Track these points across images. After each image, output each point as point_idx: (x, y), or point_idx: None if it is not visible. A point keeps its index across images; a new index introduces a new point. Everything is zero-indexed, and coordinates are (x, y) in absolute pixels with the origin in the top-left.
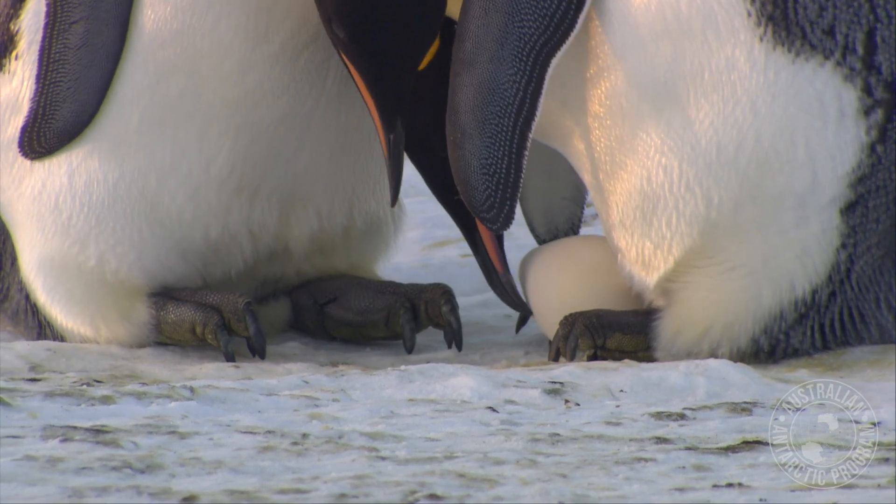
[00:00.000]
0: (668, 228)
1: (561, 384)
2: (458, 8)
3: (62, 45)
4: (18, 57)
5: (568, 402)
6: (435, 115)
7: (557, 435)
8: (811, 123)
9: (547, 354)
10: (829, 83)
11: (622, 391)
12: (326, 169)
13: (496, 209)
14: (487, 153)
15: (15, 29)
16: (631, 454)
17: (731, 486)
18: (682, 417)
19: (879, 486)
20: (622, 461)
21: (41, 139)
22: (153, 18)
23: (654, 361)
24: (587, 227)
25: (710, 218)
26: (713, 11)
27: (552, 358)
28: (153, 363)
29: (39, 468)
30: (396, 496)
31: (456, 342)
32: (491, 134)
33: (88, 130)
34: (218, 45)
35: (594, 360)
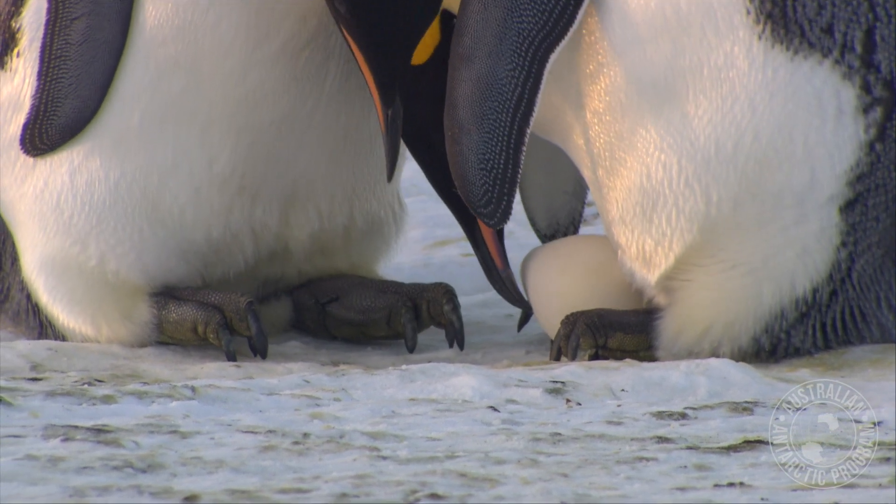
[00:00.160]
0: (668, 225)
1: (562, 384)
2: (458, 2)
3: (64, 41)
4: (20, 55)
5: (569, 401)
6: (436, 110)
7: (559, 434)
8: (809, 121)
9: (548, 354)
10: (827, 81)
11: (623, 390)
12: (327, 169)
13: (493, 204)
14: (485, 148)
15: (16, 26)
16: (632, 453)
17: (732, 485)
18: (683, 417)
19: (880, 485)
20: (623, 460)
21: (43, 136)
22: (154, 15)
23: (655, 361)
24: (588, 226)
25: (709, 215)
26: (712, 8)
27: (553, 357)
28: (154, 362)
29: (41, 468)
30: (398, 496)
31: (458, 341)
32: (489, 129)
33: (90, 129)
34: (219, 43)
35: (595, 359)
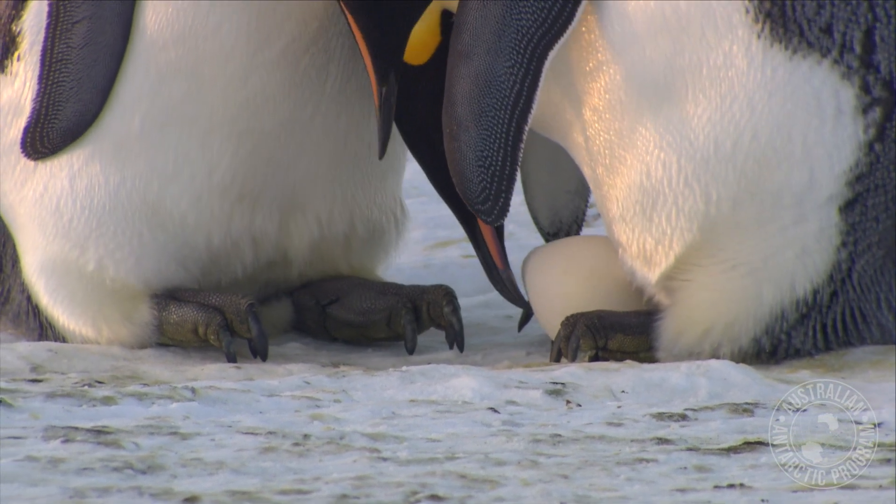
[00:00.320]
0: (668, 224)
1: (562, 385)
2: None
3: (65, 44)
4: (21, 58)
5: (569, 402)
6: (437, 110)
7: (559, 436)
8: (808, 121)
9: (548, 355)
10: (826, 81)
11: (623, 392)
12: (326, 176)
13: (491, 201)
14: (483, 145)
15: (17, 30)
16: (632, 455)
17: (732, 486)
18: (683, 418)
19: (881, 486)
20: (624, 462)
21: (44, 139)
22: (155, 20)
23: (655, 362)
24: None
25: (709, 214)
26: (711, 7)
27: (554, 359)
28: (155, 364)
29: (41, 469)
30: (398, 497)
31: (458, 343)
32: (487, 126)
33: (90, 133)
34: (220, 48)
35: (595, 360)
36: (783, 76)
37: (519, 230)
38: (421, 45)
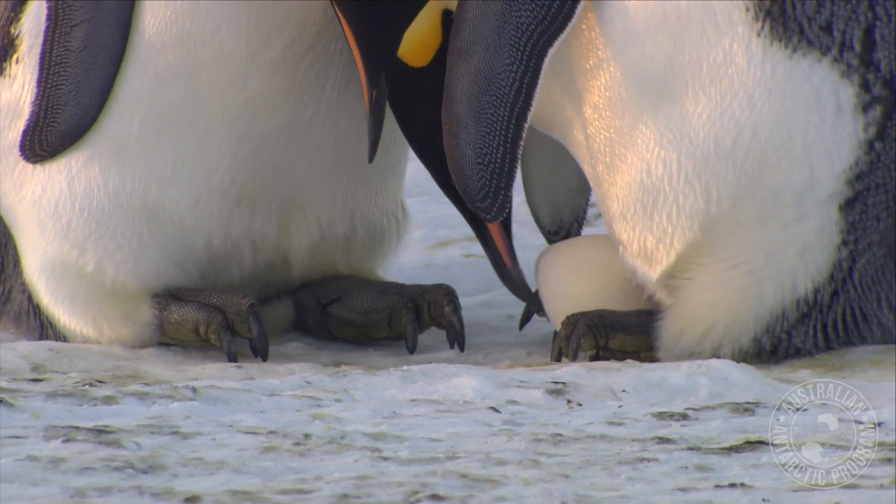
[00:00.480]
0: (668, 222)
1: (563, 384)
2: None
3: (63, 47)
4: (19, 61)
5: (570, 402)
6: (440, 110)
7: (560, 435)
8: (808, 118)
9: (549, 355)
10: (826, 79)
11: (624, 391)
12: (326, 177)
13: (490, 199)
14: (483, 142)
15: (15, 33)
16: (633, 454)
17: (733, 486)
18: (684, 418)
19: (881, 486)
20: (624, 461)
21: (43, 142)
22: (153, 23)
23: (656, 362)
24: (589, 227)
25: (709, 212)
26: (712, 5)
27: (554, 358)
28: (155, 363)
29: (42, 468)
30: (399, 496)
31: (458, 343)
32: (486, 123)
33: (89, 136)
34: (219, 51)
35: (596, 360)
36: (783, 74)
37: (520, 230)
38: (422, 46)
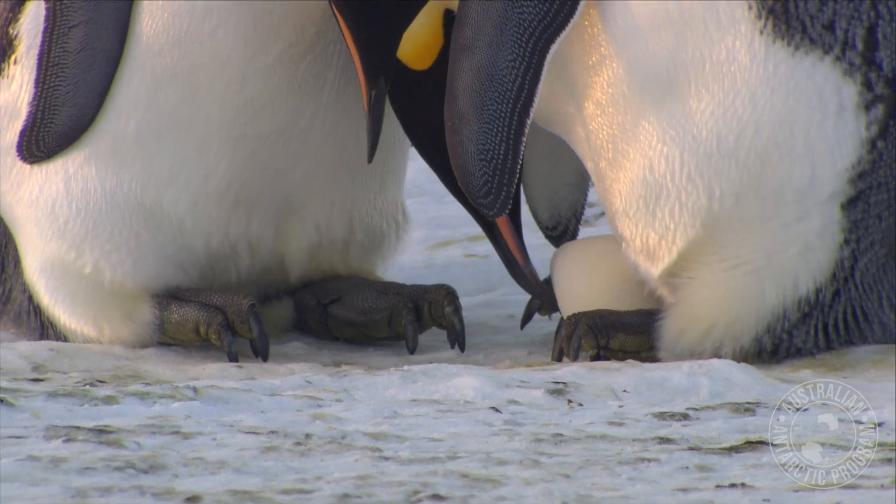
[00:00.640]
0: (671, 219)
1: (564, 384)
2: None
3: (61, 48)
4: (17, 61)
5: (571, 402)
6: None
7: (561, 435)
8: (810, 116)
9: (550, 355)
10: (828, 77)
11: (625, 391)
12: (324, 181)
13: (493, 195)
14: (485, 139)
15: (14, 33)
16: (634, 454)
17: (734, 486)
18: (685, 418)
19: (882, 486)
20: (625, 461)
21: (40, 143)
22: (151, 25)
23: (657, 361)
24: (589, 227)
25: (712, 210)
26: (715, 3)
27: (555, 358)
28: (156, 363)
29: (42, 468)
30: (399, 496)
31: (459, 343)
32: (489, 119)
33: (86, 137)
34: (216, 53)
35: (597, 360)
36: (785, 72)
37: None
38: (424, 48)
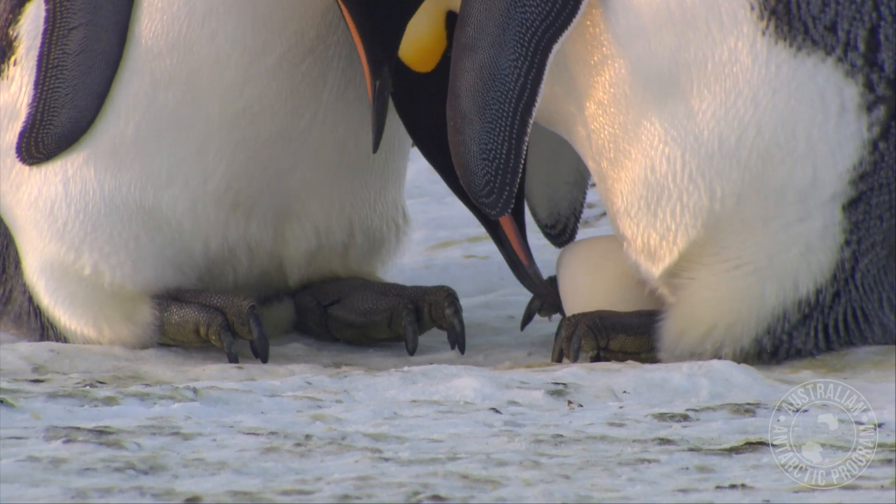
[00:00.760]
0: (672, 220)
1: (564, 385)
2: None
3: (61, 50)
4: (17, 63)
5: (571, 403)
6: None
7: (561, 436)
8: (812, 117)
9: (550, 356)
10: (830, 78)
11: (625, 392)
12: (324, 184)
13: (495, 194)
14: (487, 138)
15: (13, 34)
16: (634, 455)
17: (734, 487)
18: (685, 419)
19: (882, 487)
20: (625, 462)
21: (39, 145)
22: (150, 27)
23: (657, 362)
24: (589, 227)
25: (713, 210)
26: (717, 3)
27: (555, 359)
28: (156, 364)
29: (42, 469)
30: (400, 497)
31: (459, 345)
32: (491, 119)
33: (85, 138)
34: (216, 56)
35: (597, 361)
36: (787, 73)
37: None
38: (427, 51)
